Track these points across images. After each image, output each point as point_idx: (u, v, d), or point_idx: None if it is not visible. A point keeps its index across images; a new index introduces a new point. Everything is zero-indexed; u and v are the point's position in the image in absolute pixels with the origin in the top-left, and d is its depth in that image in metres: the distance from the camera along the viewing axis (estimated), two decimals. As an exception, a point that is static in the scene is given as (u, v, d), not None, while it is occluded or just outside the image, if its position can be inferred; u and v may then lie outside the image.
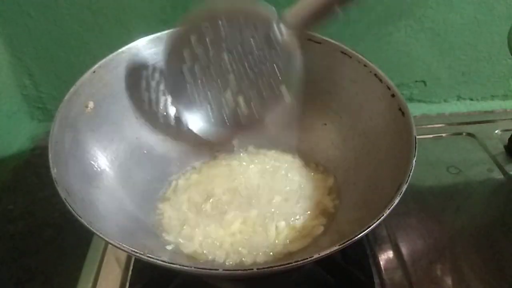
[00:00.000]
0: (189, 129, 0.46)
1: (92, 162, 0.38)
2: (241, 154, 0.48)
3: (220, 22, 0.38)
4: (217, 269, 0.29)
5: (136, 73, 0.44)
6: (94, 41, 0.54)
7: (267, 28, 0.38)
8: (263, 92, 0.40)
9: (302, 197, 0.43)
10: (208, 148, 0.48)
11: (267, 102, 0.40)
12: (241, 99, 0.40)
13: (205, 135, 0.42)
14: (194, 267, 0.28)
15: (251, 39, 0.38)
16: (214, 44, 0.39)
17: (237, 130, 0.41)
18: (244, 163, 0.46)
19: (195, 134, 0.47)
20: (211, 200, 0.42)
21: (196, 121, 0.42)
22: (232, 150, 0.47)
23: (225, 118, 0.41)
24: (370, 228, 0.29)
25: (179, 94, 0.41)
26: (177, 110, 0.43)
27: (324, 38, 0.44)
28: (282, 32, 0.38)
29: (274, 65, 0.39)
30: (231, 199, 0.42)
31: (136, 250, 0.28)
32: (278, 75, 0.39)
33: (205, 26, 0.38)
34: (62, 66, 0.56)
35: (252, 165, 0.46)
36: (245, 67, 0.39)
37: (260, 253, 0.38)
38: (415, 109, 0.65)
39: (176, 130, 0.47)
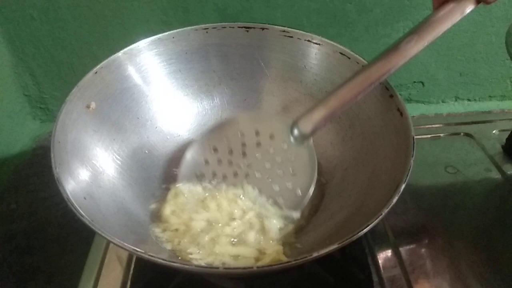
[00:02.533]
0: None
1: (94, 162, 0.38)
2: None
3: (239, 134, 0.42)
4: (217, 268, 0.29)
5: (137, 74, 0.44)
6: (95, 42, 0.54)
7: (282, 137, 0.41)
8: (280, 198, 0.41)
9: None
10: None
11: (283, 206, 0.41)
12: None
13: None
14: (195, 266, 0.29)
15: (269, 148, 0.42)
16: (233, 153, 0.42)
17: None
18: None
19: (192, 134, 0.48)
20: (213, 197, 0.43)
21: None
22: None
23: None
24: (369, 227, 0.29)
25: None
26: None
27: (322, 39, 0.45)
28: (296, 138, 0.41)
29: (290, 168, 0.41)
30: (233, 196, 0.43)
31: (137, 249, 0.28)
32: (294, 178, 0.41)
33: (226, 138, 0.42)
34: (64, 67, 0.56)
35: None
36: (262, 174, 0.42)
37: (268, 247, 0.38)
38: (413, 110, 0.66)
39: (174, 129, 0.47)
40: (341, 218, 0.40)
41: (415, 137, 0.35)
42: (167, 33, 0.44)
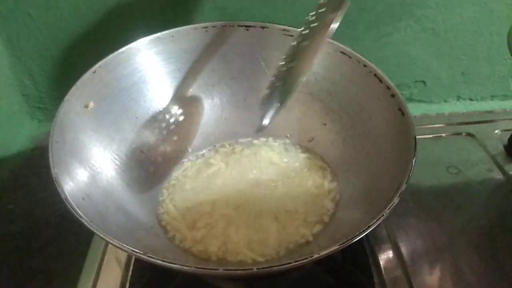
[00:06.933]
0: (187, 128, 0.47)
1: (92, 162, 0.38)
2: (242, 151, 0.48)
3: None
4: (217, 269, 0.29)
5: (136, 73, 0.44)
6: (94, 41, 0.54)
7: None
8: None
9: (302, 196, 0.43)
10: (210, 145, 0.49)
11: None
12: None
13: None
14: (194, 267, 0.28)
15: None
16: None
17: None
18: (245, 161, 0.46)
19: (193, 134, 0.48)
20: (213, 198, 0.42)
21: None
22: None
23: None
24: (370, 228, 0.29)
25: None
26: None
27: (324, 38, 0.44)
28: None
29: None
30: (234, 196, 0.43)
31: (136, 250, 0.28)
32: None
33: None
34: (63, 66, 0.56)
35: (253, 163, 0.46)
36: None
37: (266, 251, 0.39)
38: (414, 109, 0.65)
39: (175, 129, 0.47)
40: (342, 219, 0.40)
41: (417, 137, 0.35)
42: (166, 32, 0.44)
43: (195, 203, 0.42)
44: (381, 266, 0.43)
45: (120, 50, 0.42)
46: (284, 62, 0.36)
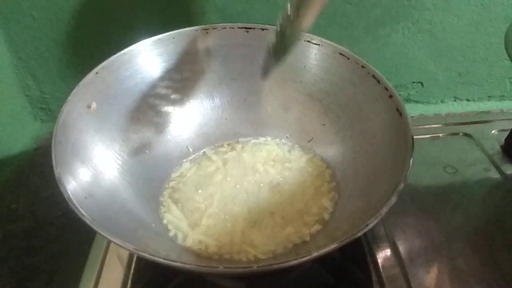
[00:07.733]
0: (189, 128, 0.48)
1: (95, 162, 0.38)
2: (243, 151, 0.48)
3: None
4: (217, 267, 0.29)
5: (138, 74, 0.44)
6: (96, 42, 0.54)
7: None
8: None
9: (301, 195, 0.44)
10: (210, 145, 0.49)
11: None
12: None
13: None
14: (195, 265, 0.29)
15: None
16: None
17: None
18: (245, 161, 0.47)
19: (192, 134, 0.48)
20: (213, 197, 0.43)
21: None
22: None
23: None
24: (368, 226, 0.29)
25: None
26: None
27: (322, 39, 0.45)
28: None
29: None
30: (234, 196, 0.43)
31: (138, 249, 0.28)
32: None
33: None
34: (65, 67, 0.56)
35: (253, 163, 0.47)
36: None
37: (266, 250, 0.39)
38: (412, 110, 0.66)
39: (176, 129, 0.48)
40: (340, 218, 0.41)
41: (414, 137, 0.36)
42: (168, 33, 0.45)
43: (196, 202, 0.43)
44: (379, 264, 0.43)
45: (122, 52, 0.42)
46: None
